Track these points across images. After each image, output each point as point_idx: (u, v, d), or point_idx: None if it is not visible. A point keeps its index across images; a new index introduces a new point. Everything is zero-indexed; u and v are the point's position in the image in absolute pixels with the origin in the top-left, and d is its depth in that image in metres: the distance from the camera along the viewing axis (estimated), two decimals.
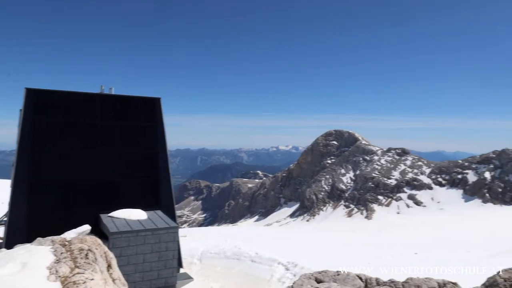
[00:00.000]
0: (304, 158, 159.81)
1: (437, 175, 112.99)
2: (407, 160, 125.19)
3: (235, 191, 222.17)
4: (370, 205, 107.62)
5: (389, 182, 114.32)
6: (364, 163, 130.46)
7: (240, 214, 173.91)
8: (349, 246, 48.32)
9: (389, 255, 37.29)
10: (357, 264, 27.27)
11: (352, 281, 7.84)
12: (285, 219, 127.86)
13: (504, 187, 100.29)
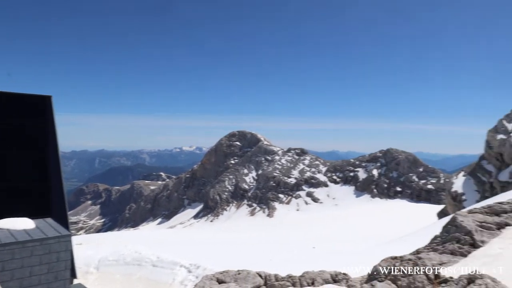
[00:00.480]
0: (208, 158, 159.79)
1: (332, 173, 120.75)
2: (305, 160, 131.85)
3: (137, 193, 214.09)
4: (271, 203, 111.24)
5: (289, 180, 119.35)
6: (266, 163, 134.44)
7: (142, 217, 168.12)
8: (252, 244, 49.36)
9: (290, 251, 38.82)
10: (259, 261, 27.93)
11: (252, 279, 7.96)
12: (189, 220, 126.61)
13: (389, 183, 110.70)
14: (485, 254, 11.57)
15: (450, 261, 10.97)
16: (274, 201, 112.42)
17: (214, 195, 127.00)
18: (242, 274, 8.10)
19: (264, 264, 25.07)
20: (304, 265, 22.62)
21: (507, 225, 12.15)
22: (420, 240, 19.00)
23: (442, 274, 5.44)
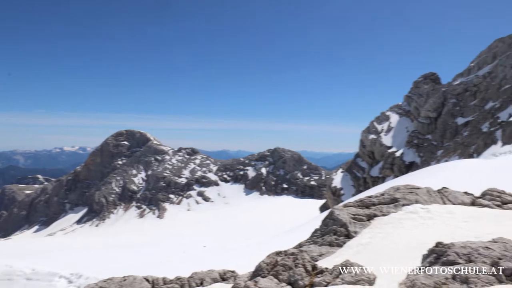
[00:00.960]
0: (92, 159, 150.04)
1: (222, 172, 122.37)
2: (196, 159, 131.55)
3: (9, 199, 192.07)
4: (162, 204, 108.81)
5: (180, 180, 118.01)
6: (156, 163, 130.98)
7: (16, 225, 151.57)
8: (141, 247, 47.76)
9: (181, 251, 38.44)
10: (149, 265, 27.17)
11: (139, 284, 7.74)
12: (71, 226, 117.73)
13: (276, 180, 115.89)
14: (358, 244, 12.80)
15: (329, 252, 11.94)
16: (164, 201, 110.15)
17: (100, 197, 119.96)
18: (128, 280, 7.83)
19: (154, 268, 24.46)
20: (195, 265, 22.63)
21: (375, 216, 13.61)
22: (304, 233, 20.28)
23: (319, 265, 5.90)
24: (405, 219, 14.01)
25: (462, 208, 15.60)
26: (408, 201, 14.45)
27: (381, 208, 13.99)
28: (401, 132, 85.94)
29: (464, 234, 11.23)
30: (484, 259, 6.24)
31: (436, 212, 14.34)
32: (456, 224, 13.07)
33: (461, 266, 6.10)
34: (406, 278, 6.54)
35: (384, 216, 13.84)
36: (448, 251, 6.49)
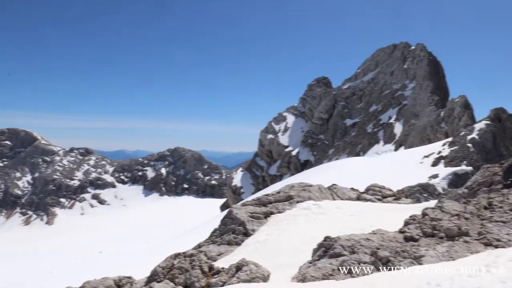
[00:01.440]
0: None
1: (120, 173, 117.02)
2: (90, 160, 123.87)
3: None
4: (51, 209, 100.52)
5: (72, 183, 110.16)
6: (44, 165, 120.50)
7: None
8: (27, 258, 43.67)
9: (73, 259, 35.99)
10: (36, 276, 25.02)
11: None
12: None
13: (177, 180, 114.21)
14: (255, 241, 13.24)
15: (227, 251, 12.16)
16: (54, 206, 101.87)
17: None
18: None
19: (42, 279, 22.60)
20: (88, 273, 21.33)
21: (272, 214, 14.19)
22: (204, 233, 20.32)
23: (216, 266, 6.00)
24: (299, 215, 14.85)
25: (349, 203, 16.97)
26: (302, 198, 15.31)
27: (277, 205, 14.63)
28: (297, 132, 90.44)
29: (351, 227, 12.24)
30: (365, 249, 6.90)
31: (327, 207, 15.42)
32: (344, 218, 14.19)
33: (346, 258, 6.68)
34: (298, 272, 6.96)
35: (280, 213, 14.51)
36: (335, 244, 7.05)
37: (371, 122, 79.33)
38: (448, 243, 7.01)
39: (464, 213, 8.04)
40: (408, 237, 7.24)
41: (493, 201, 8.43)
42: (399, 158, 45.67)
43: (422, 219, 7.87)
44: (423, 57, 78.67)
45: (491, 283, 3.88)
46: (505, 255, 6.11)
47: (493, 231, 7.18)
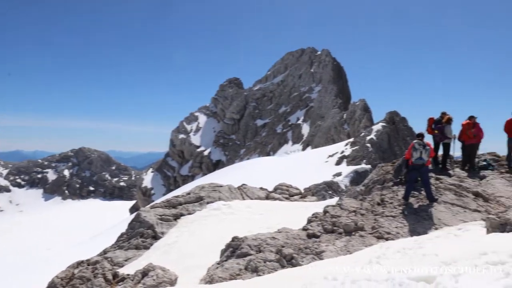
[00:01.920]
0: None
1: (15, 176, 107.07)
2: None
3: None
4: None
5: None
6: None
7: None
8: None
9: None
10: None
11: None
12: None
13: (82, 182, 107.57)
14: (165, 244, 13.01)
15: (135, 256, 11.79)
16: None
17: None
18: None
19: None
20: None
21: (182, 215, 14.05)
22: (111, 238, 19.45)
23: (121, 272, 5.82)
24: (209, 216, 14.90)
25: (258, 202, 17.42)
26: (212, 199, 15.37)
27: (188, 207, 14.52)
28: (209, 132, 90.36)
29: (260, 226, 12.58)
30: (271, 248, 7.16)
31: (237, 207, 15.68)
32: (253, 217, 14.54)
33: (252, 257, 6.88)
34: (206, 273, 7.01)
35: (190, 214, 14.42)
36: (242, 244, 7.22)
37: (281, 123, 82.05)
38: (346, 238, 7.55)
39: (360, 209, 8.72)
40: (310, 234, 7.66)
41: (385, 197, 9.25)
42: (306, 158, 47.82)
43: (323, 216, 8.37)
44: (328, 62, 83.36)
45: (377, 274, 4.28)
46: (393, 246, 6.75)
47: (384, 225, 7.89)
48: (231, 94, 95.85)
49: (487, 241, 5.55)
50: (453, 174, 10.90)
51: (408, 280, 3.57)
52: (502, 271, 3.36)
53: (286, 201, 17.77)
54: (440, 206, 8.81)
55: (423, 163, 9.04)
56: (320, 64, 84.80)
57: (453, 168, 11.49)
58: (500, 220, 6.51)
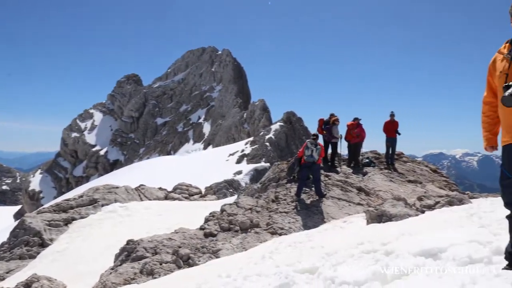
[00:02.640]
0: None
1: None
2: None
3: None
4: None
5: None
6: None
7: None
8: None
9: None
10: None
11: None
12: None
13: None
14: (53, 251, 12.11)
15: (19, 266, 10.80)
16: None
17: None
18: None
19: None
20: None
21: (74, 220, 13.22)
22: None
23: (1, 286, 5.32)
24: (104, 219, 14.22)
25: (157, 203, 17.07)
26: (107, 201, 14.69)
27: (80, 210, 13.70)
28: (105, 130, 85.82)
29: (158, 227, 12.35)
30: (167, 249, 7.10)
31: (134, 209, 15.19)
32: (152, 219, 14.22)
33: (148, 260, 6.75)
34: (99, 280, 6.72)
35: (83, 218, 13.61)
36: (138, 247, 7.05)
37: (182, 122, 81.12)
38: (242, 235, 7.78)
39: (256, 206, 9.04)
40: (207, 233, 7.75)
41: (279, 194, 9.71)
42: (207, 157, 47.94)
43: (220, 215, 8.52)
44: (229, 62, 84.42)
45: (267, 269, 4.52)
46: (286, 241, 7.13)
47: (278, 221, 8.29)
48: (129, 91, 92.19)
49: (365, 232, 6.15)
50: (340, 171, 11.83)
51: (294, 273, 3.83)
52: (373, 258, 3.78)
53: (186, 201, 17.70)
54: (328, 201, 9.52)
55: (313, 161, 9.67)
56: (221, 64, 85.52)
57: (340, 165, 12.47)
58: (377, 212, 7.24)
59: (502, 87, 2.52)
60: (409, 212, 7.05)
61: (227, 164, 41.12)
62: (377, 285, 2.99)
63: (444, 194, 10.23)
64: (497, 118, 2.80)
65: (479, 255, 3.09)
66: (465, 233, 3.91)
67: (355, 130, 12.12)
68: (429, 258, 3.33)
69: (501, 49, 2.72)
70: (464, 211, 6.43)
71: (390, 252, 3.86)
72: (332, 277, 3.40)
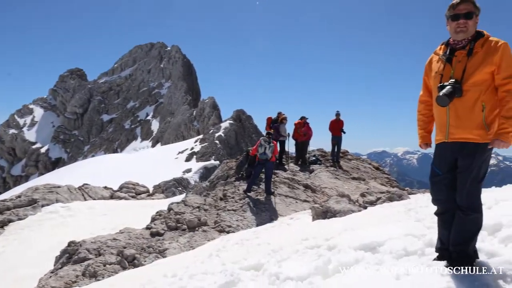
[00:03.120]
0: None
1: None
2: None
3: None
4: None
5: None
6: None
7: None
8: None
9: None
10: None
11: None
12: None
13: None
14: None
15: None
16: None
17: None
18: None
19: None
20: None
21: (10, 222, 12.51)
22: None
23: None
24: (45, 220, 13.55)
25: (102, 203, 16.53)
26: (48, 201, 14.04)
27: (18, 211, 12.98)
28: (47, 127, 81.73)
29: (103, 227, 11.97)
30: (111, 250, 6.90)
31: (77, 209, 14.61)
32: (96, 219, 13.75)
33: (91, 261, 6.52)
34: (37, 284, 6.41)
35: (21, 220, 12.91)
36: (80, 249, 6.80)
37: (129, 119, 78.99)
38: (189, 234, 7.72)
39: (204, 205, 9.00)
40: (154, 232, 7.61)
41: (227, 192, 9.73)
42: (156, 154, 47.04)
43: (167, 214, 8.40)
44: (178, 59, 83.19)
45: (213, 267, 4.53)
46: (233, 239, 7.16)
47: (226, 219, 8.30)
48: (73, 86, 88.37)
49: (310, 228, 6.31)
50: (288, 169, 12.05)
51: (240, 270, 3.86)
52: (316, 253, 3.89)
53: (133, 200, 17.28)
54: (276, 199, 9.66)
55: (266, 158, 9.77)
56: (170, 60, 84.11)
57: (288, 163, 12.70)
58: (322, 208, 7.44)
59: (437, 87, 2.67)
60: (353, 208, 7.31)
61: (176, 162, 40.57)
62: (319, 279, 3.09)
63: (385, 190, 10.70)
64: (432, 117, 2.97)
65: (414, 247, 3.27)
66: (402, 227, 4.12)
67: (302, 129, 12.39)
68: (368, 252, 3.48)
69: (437, 50, 2.88)
70: (402, 206, 6.77)
71: (333, 247, 3.99)
72: (276, 273, 3.47)
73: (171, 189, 29.60)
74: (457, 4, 2.60)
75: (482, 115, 2.58)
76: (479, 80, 2.57)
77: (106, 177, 32.76)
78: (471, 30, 2.63)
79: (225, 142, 43.18)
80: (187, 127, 61.86)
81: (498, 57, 2.54)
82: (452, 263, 2.65)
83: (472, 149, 2.60)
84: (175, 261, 6.13)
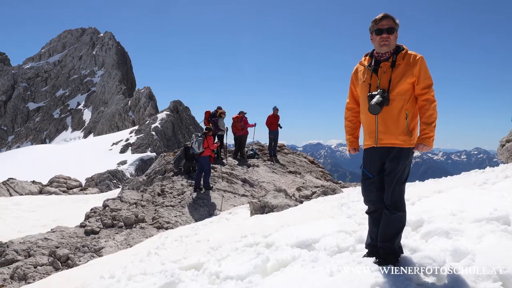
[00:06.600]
0: None
1: None
2: None
3: None
4: None
5: None
6: None
7: None
8: None
9: None
10: None
11: None
12: None
13: None
14: None
15: None
16: None
17: None
18: None
19: None
20: None
21: None
22: None
23: None
24: None
25: (30, 198, 15.63)
26: None
27: None
28: None
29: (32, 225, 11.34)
30: (43, 250, 6.60)
31: (2, 205, 13.70)
32: (24, 216, 12.97)
33: (20, 263, 6.20)
34: None
35: None
36: (7, 250, 6.43)
37: (58, 107, 74.79)
38: (126, 231, 7.57)
39: (141, 201, 8.85)
40: (88, 230, 7.38)
41: (165, 187, 9.63)
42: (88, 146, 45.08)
43: (103, 211, 8.16)
44: (112, 46, 79.78)
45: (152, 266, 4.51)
46: (172, 235, 7.13)
47: (164, 215, 8.23)
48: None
49: (248, 224, 6.45)
50: (226, 163, 12.13)
51: (179, 270, 3.88)
52: (255, 251, 4.00)
53: (64, 195, 16.50)
54: (214, 193, 9.71)
55: (194, 152, 9.71)
56: (103, 47, 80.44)
57: (226, 157, 12.78)
58: (260, 203, 7.62)
59: (367, 96, 2.87)
60: (289, 202, 7.56)
61: (110, 153, 39.18)
62: (258, 278, 3.21)
63: (320, 184, 11.14)
64: (358, 123, 3.19)
65: (346, 244, 3.49)
66: (335, 224, 4.36)
67: (240, 123, 12.52)
68: (304, 249, 3.66)
69: (362, 61, 3.09)
70: (336, 200, 7.12)
71: (271, 244, 4.14)
72: (216, 272, 3.55)
73: (105, 181, 28.56)
74: (380, 20, 2.83)
75: (406, 122, 2.82)
76: (403, 89, 2.81)
77: (34, 170, 30.94)
78: (393, 43, 2.86)
79: (162, 133, 42.34)
80: (122, 117, 59.75)
81: (417, 69, 2.81)
82: (380, 259, 2.88)
83: (398, 153, 2.83)
84: (112, 260, 6.00)
